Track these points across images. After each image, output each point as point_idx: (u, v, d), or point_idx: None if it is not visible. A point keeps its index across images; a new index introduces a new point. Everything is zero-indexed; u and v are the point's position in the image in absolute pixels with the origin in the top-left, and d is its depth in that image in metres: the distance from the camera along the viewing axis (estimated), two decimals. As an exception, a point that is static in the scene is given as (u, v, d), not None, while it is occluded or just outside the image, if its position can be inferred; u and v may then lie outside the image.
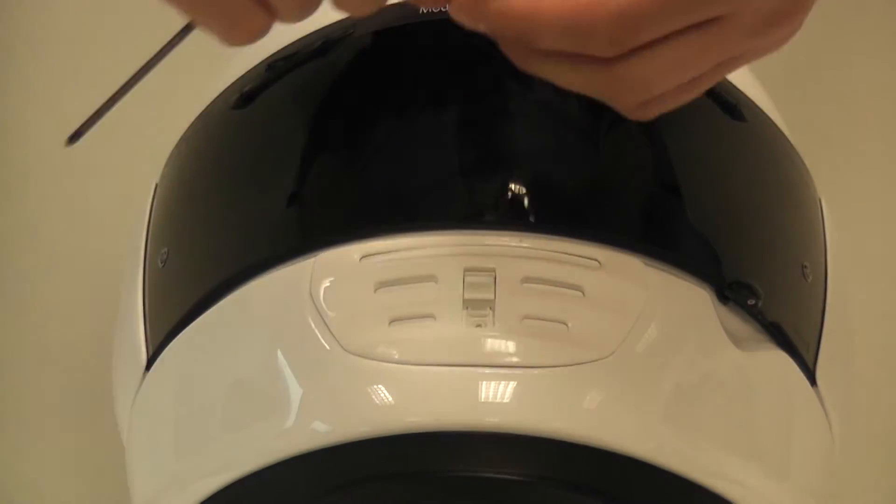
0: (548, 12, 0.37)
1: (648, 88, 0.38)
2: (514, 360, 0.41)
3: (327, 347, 0.42)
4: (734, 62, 0.40)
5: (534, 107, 0.48)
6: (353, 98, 0.49)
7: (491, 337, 0.42)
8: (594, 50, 0.37)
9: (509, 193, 0.45)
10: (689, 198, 0.48)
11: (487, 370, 0.41)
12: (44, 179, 0.79)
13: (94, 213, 0.77)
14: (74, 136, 0.38)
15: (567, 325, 0.42)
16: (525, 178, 0.46)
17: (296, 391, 0.42)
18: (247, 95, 0.52)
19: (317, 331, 0.43)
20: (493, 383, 0.41)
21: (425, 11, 0.50)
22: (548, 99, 0.47)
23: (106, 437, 0.58)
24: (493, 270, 0.43)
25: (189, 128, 0.55)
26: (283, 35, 0.51)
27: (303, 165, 0.48)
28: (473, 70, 0.50)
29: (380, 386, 0.41)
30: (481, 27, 0.39)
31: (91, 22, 0.85)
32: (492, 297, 0.42)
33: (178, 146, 0.56)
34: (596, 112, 0.44)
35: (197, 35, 0.41)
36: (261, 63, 0.52)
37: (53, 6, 0.86)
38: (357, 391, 0.41)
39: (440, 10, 0.50)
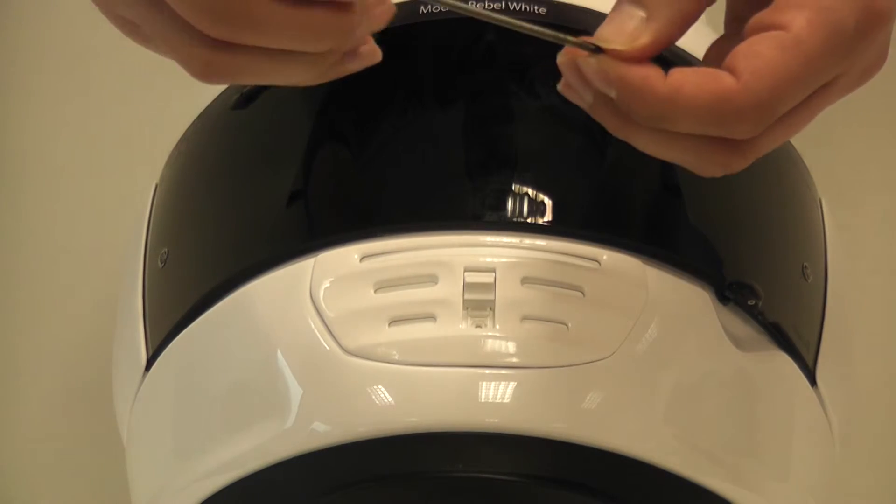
0: (691, 97, 0.36)
1: (758, 155, 0.38)
2: (514, 360, 0.41)
3: (327, 348, 0.42)
4: None
5: (534, 107, 0.48)
6: (354, 98, 0.49)
7: (491, 337, 0.42)
8: (733, 134, 0.36)
9: (509, 194, 0.45)
10: (689, 198, 0.48)
11: (487, 371, 0.41)
12: (44, 179, 0.79)
13: (94, 213, 0.77)
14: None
15: (567, 325, 0.42)
16: (525, 178, 0.46)
17: (296, 392, 0.42)
18: (247, 95, 0.51)
19: (317, 331, 0.43)
20: (493, 384, 0.41)
21: (425, 11, 0.50)
22: (548, 100, 0.47)
23: (106, 437, 0.58)
24: (493, 271, 0.42)
25: (189, 128, 0.55)
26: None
27: (303, 165, 0.48)
28: (474, 70, 0.50)
29: (380, 386, 0.41)
30: (612, 93, 0.37)
31: (91, 22, 0.84)
32: (492, 297, 0.42)
33: (178, 146, 0.56)
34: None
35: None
36: (261, 63, 0.52)
37: (54, 7, 0.86)
38: (357, 392, 0.41)
39: (440, 9, 0.50)
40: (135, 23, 0.38)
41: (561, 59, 0.37)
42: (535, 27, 0.38)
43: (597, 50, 0.37)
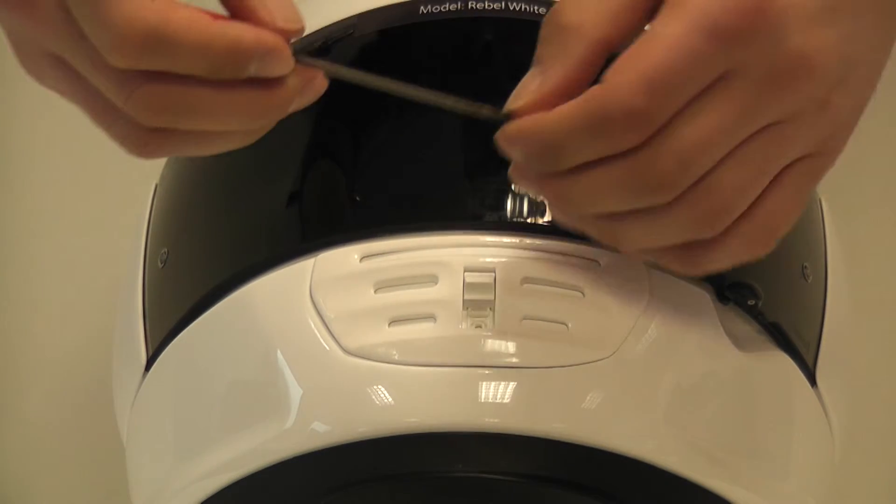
0: (558, 119, 0.37)
1: (690, 167, 0.37)
2: (514, 360, 0.41)
3: (327, 348, 0.42)
4: (805, 173, 0.39)
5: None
6: (353, 98, 0.49)
7: (491, 337, 0.42)
8: (624, 138, 0.36)
9: (509, 194, 0.45)
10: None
11: (487, 371, 0.41)
12: (44, 179, 0.79)
13: (94, 213, 0.77)
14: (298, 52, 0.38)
15: (567, 325, 0.42)
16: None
17: (295, 392, 0.42)
18: (247, 96, 0.51)
19: (316, 331, 0.43)
20: (493, 384, 0.41)
21: (425, 11, 0.50)
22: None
23: (106, 437, 0.58)
24: (493, 271, 0.42)
25: (189, 128, 0.55)
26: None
27: (303, 165, 0.48)
28: (474, 70, 0.50)
29: (379, 386, 0.41)
30: (517, 153, 0.38)
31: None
32: (492, 297, 0.42)
33: (178, 146, 0.56)
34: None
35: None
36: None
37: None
38: (357, 392, 0.41)
39: (440, 9, 0.50)
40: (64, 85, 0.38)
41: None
42: (449, 100, 0.39)
43: (508, 117, 0.38)
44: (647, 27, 0.37)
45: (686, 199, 0.37)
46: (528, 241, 0.44)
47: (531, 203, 0.45)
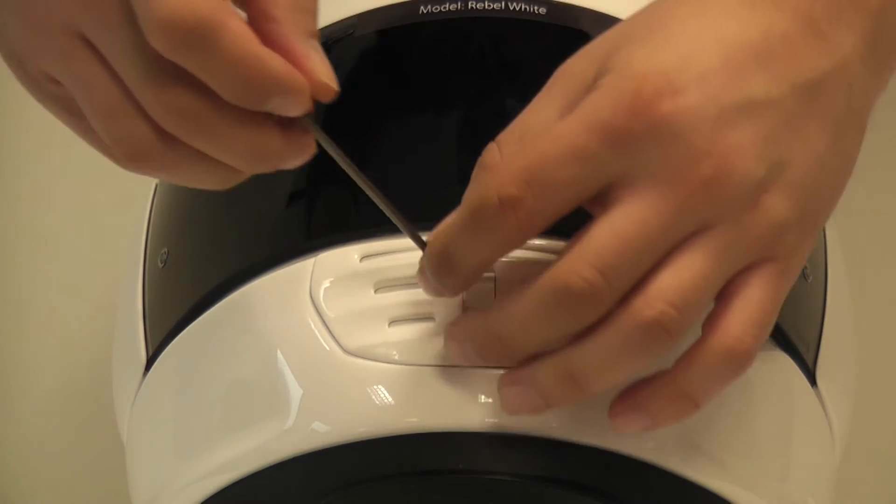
0: (447, 224, 0.39)
1: (600, 264, 0.36)
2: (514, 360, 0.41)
3: (327, 348, 0.42)
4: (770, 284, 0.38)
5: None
6: (353, 98, 0.49)
7: (491, 337, 0.41)
8: (500, 228, 0.37)
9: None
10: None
11: (487, 371, 0.41)
12: (44, 179, 0.79)
13: (94, 213, 0.76)
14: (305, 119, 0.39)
15: (567, 325, 0.42)
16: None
17: (295, 392, 0.42)
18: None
19: (316, 331, 0.43)
20: (492, 384, 0.41)
21: (425, 11, 0.50)
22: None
23: (106, 437, 0.58)
24: (493, 271, 0.42)
25: (189, 128, 0.55)
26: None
27: (303, 165, 0.48)
28: (475, 70, 0.50)
29: (379, 386, 0.41)
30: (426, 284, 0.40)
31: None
32: (492, 297, 0.42)
33: (178, 146, 0.56)
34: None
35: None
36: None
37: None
38: (357, 392, 0.41)
39: (440, 9, 0.50)
40: (59, 85, 0.38)
41: None
42: (396, 216, 0.41)
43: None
44: None
45: (625, 307, 0.37)
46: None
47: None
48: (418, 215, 0.45)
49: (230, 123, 0.37)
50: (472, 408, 0.41)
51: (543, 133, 0.37)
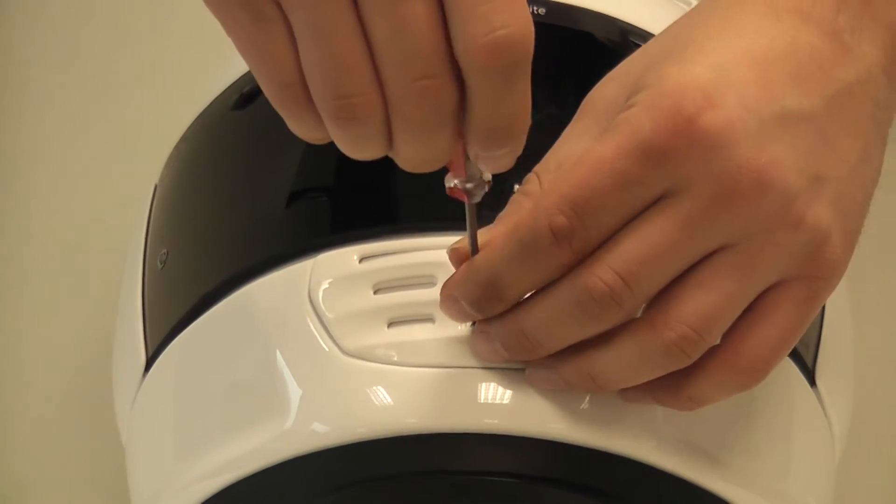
0: (492, 251, 0.38)
1: (632, 281, 0.36)
2: (513, 360, 0.41)
3: (326, 349, 0.42)
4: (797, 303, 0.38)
5: (534, 107, 0.48)
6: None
7: (490, 338, 0.42)
8: (552, 256, 0.37)
9: (508, 194, 0.45)
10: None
11: (487, 371, 0.41)
12: (44, 179, 0.79)
13: (94, 213, 0.77)
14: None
15: (566, 325, 0.42)
16: (523, 178, 0.46)
17: (295, 392, 0.42)
18: (247, 96, 0.51)
19: (315, 332, 0.43)
20: (491, 384, 0.41)
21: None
22: (547, 101, 0.47)
23: (106, 437, 0.58)
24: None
25: (189, 128, 0.55)
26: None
27: (302, 166, 0.48)
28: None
29: (379, 387, 0.41)
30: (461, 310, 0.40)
31: (90, 21, 0.85)
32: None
33: (177, 147, 0.56)
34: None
35: (196, 37, 0.41)
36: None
37: (54, 6, 0.86)
38: (356, 393, 0.41)
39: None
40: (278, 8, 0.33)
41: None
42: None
43: None
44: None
45: (648, 323, 0.37)
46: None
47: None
48: (417, 215, 0.45)
49: (449, 135, 0.35)
50: (470, 409, 0.41)
51: (584, 157, 0.36)
